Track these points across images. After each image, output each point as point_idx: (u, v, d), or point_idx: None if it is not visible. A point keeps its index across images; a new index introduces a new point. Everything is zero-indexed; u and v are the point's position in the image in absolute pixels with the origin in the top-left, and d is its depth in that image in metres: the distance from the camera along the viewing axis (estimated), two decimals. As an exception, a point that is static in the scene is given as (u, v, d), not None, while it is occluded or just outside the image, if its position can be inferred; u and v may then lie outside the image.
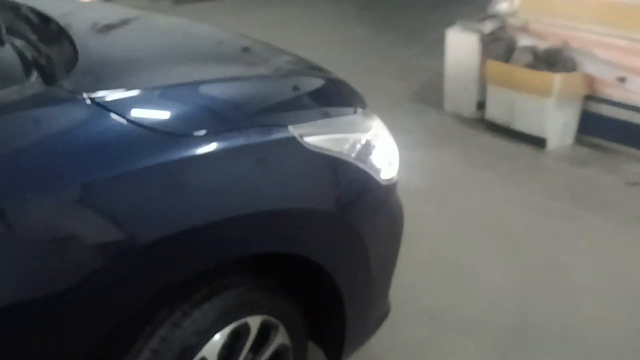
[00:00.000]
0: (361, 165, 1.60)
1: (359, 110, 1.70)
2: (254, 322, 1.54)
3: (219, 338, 1.43)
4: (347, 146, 1.57)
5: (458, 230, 3.06)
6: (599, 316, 2.50)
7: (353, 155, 1.58)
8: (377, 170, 1.67)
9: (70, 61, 1.39)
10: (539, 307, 2.54)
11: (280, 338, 1.65)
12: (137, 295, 1.23)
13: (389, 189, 1.73)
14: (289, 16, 7.14)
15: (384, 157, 1.74)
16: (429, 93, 4.64)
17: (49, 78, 1.33)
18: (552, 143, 3.79)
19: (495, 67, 3.86)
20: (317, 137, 1.49)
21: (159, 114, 1.28)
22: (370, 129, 1.69)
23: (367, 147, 1.64)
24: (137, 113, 1.24)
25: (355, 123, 1.64)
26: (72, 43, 1.48)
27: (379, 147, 1.71)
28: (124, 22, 1.89)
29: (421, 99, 4.63)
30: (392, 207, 1.77)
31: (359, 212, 1.60)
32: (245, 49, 1.81)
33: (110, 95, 1.25)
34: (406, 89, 4.85)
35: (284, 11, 7.31)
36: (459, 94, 4.24)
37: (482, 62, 4.00)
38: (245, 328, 1.52)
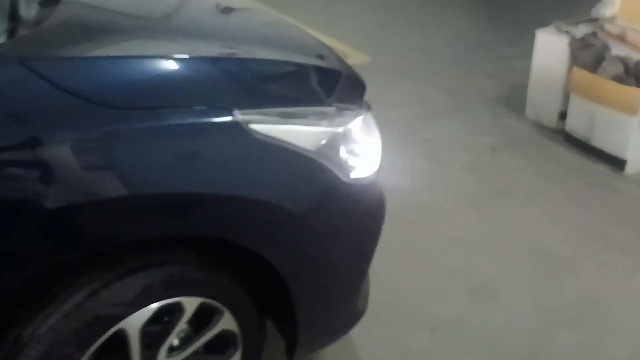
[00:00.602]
0: (321, 160, 1.52)
1: (335, 103, 1.60)
2: (190, 303, 1.53)
3: (143, 313, 1.44)
4: (306, 139, 1.49)
5: (496, 243, 2.87)
6: (625, 362, 2.26)
7: (313, 149, 1.51)
8: (344, 167, 1.59)
9: (37, 24, 1.43)
10: (559, 339, 2.34)
11: (224, 324, 1.63)
12: (44, 260, 1.26)
13: (359, 188, 1.63)
14: (395, 3, 6.96)
15: (360, 155, 1.64)
16: (515, 96, 4.36)
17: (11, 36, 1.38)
18: (632, 166, 3.43)
19: (580, 75, 3.55)
20: (269, 125, 1.44)
21: (93, 84, 1.28)
22: (344, 124, 1.60)
23: (334, 143, 1.56)
24: (69, 81, 1.25)
25: (323, 116, 1.56)
26: (53, 7, 1.52)
27: (352, 144, 1.62)
28: None
29: (505, 102, 4.36)
30: (364, 207, 1.68)
31: (312, 207, 1.53)
32: (238, 26, 1.77)
33: (45, 60, 1.27)
34: (494, 90, 4.59)
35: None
36: (542, 100, 3.95)
37: (570, 69, 3.69)
38: (178, 308, 1.51)
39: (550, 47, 3.81)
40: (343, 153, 1.59)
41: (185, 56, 1.43)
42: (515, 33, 5.90)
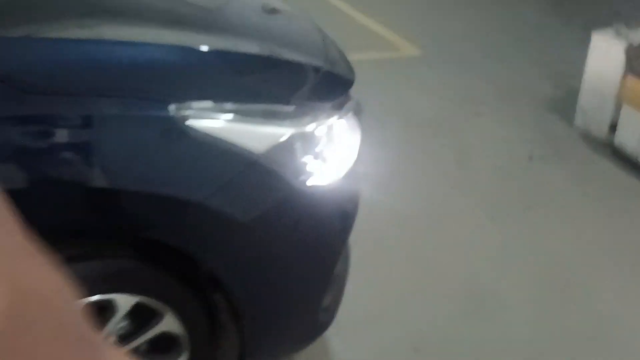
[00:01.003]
0: (269, 164, 1.40)
1: (299, 101, 1.47)
2: (124, 301, 1.46)
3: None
4: (253, 139, 1.38)
5: (509, 261, 2.65)
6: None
7: (260, 150, 1.39)
8: (300, 173, 1.46)
9: None
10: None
11: (166, 325, 1.55)
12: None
13: (317, 196, 1.50)
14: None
15: (326, 159, 1.52)
16: (569, 102, 4.06)
17: None
18: (683, 188, 3.13)
19: (634, 85, 3.25)
20: (210, 122, 1.33)
21: (8, 64, 1.21)
22: (308, 124, 1.47)
23: (290, 145, 1.44)
24: None
25: (281, 115, 1.43)
26: None
27: (317, 147, 1.49)
28: None
29: (556, 107, 4.08)
30: (322, 216, 1.55)
31: (256, 214, 1.41)
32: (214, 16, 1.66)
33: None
34: (547, 93, 4.30)
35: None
36: (592, 109, 3.66)
37: (625, 77, 3.39)
38: (110, 306, 1.44)
39: (605, 52, 3.51)
40: (301, 156, 1.46)
41: (121, 41, 1.34)
42: (587, 33, 5.53)
